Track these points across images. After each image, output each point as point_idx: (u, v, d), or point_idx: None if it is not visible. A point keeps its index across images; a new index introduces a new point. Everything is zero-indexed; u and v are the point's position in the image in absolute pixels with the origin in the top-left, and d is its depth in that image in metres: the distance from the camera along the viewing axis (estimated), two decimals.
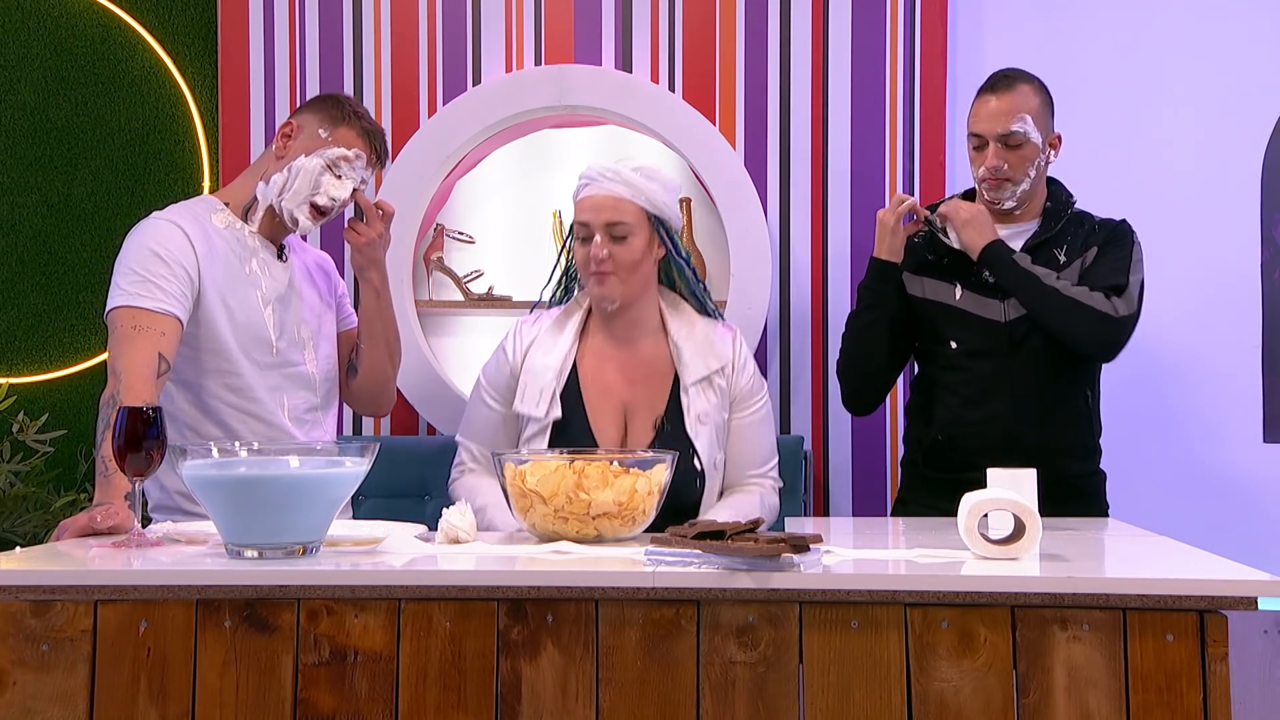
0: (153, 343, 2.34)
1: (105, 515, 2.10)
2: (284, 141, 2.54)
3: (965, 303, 2.73)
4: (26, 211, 3.56)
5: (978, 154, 2.71)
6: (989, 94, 2.70)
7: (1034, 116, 2.67)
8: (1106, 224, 2.77)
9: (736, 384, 2.53)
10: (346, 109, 2.55)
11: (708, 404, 2.49)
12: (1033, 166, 2.69)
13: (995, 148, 2.67)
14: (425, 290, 3.46)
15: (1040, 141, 2.69)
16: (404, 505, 3.11)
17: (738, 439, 2.53)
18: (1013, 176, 2.68)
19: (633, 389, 2.52)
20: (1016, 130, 2.65)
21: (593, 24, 3.41)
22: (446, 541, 2.01)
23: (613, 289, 2.48)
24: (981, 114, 2.69)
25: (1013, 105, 2.66)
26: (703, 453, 2.46)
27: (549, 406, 2.48)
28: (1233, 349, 3.33)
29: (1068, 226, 2.74)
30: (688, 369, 2.50)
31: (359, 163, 2.54)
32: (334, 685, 1.73)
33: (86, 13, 3.55)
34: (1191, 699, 1.65)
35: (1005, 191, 2.70)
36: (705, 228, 3.42)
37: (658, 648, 1.71)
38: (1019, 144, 2.66)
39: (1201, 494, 3.31)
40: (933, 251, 2.79)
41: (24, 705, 1.73)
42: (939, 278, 2.76)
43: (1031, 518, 1.81)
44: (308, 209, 2.52)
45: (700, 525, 1.77)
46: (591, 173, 2.51)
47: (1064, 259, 2.71)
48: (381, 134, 2.60)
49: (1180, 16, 3.37)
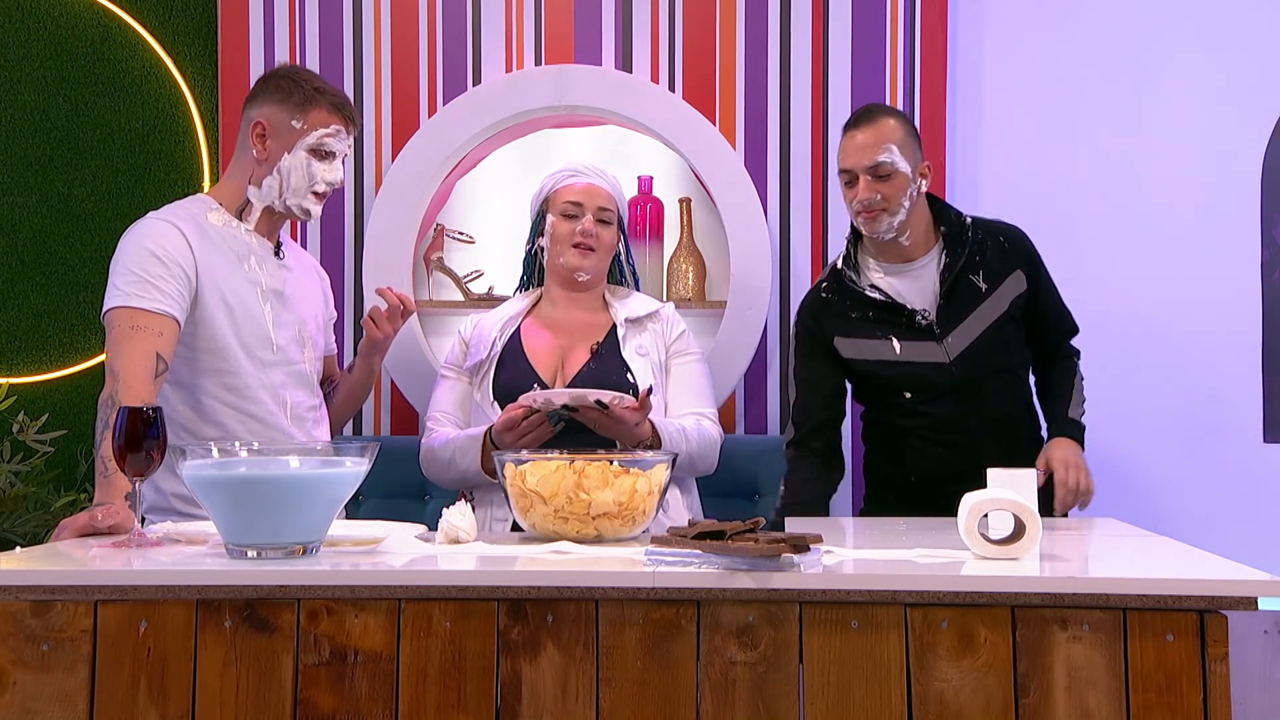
0: (150, 343, 2.34)
1: (105, 515, 2.10)
2: (260, 143, 2.54)
3: (907, 353, 2.74)
4: (27, 211, 3.56)
5: (849, 190, 2.73)
6: (854, 129, 2.73)
7: (899, 147, 2.70)
8: (1012, 237, 2.81)
9: (670, 333, 2.85)
10: (307, 89, 2.54)
11: (643, 340, 2.80)
12: (906, 196, 2.71)
13: (865, 180, 2.69)
14: (425, 290, 3.46)
15: (910, 171, 2.71)
16: (404, 505, 3.12)
17: (674, 381, 2.82)
18: (887, 207, 2.70)
19: (570, 334, 2.83)
20: (884, 160, 2.68)
21: (593, 24, 3.41)
22: (446, 541, 2.01)
23: (594, 263, 2.82)
24: (849, 149, 2.72)
25: (878, 137, 2.69)
26: (637, 374, 2.74)
27: (489, 350, 2.80)
28: (1233, 349, 3.33)
29: (973, 247, 2.77)
30: (620, 311, 2.84)
31: (340, 136, 2.57)
32: (334, 685, 1.73)
33: (87, 13, 3.55)
34: (1191, 699, 1.65)
35: (882, 224, 2.72)
36: (705, 227, 3.42)
37: (658, 648, 1.71)
38: (888, 174, 2.69)
39: (1202, 494, 3.31)
40: (854, 308, 2.78)
41: (24, 705, 1.73)
42: (869, 336, 2.77)
43: (1032, 518, 1.81)
44: (311, 198, 2.56)
45: (700, 526, 1.77)
46: (578, 166, 2.87)
47: (984, 285, 2.74)
48: (347, 99, 2.62)
49: (1180, 16, 3.37)
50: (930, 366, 2.73)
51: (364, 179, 3.44)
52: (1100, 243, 3.34)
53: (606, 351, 2.78)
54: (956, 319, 2.74)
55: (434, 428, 2.82)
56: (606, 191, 2.85)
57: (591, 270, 2.83)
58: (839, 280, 2.80)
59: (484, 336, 2.85)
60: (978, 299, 2.74)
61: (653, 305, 2.89)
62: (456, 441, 2.70)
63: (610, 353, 2.79)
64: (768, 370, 3.37)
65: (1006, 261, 2.77)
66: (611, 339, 2.82)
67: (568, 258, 2.81)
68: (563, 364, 2.79)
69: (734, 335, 3.27)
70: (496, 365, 2.80)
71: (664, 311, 2.89)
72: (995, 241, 2.78)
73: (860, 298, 2.77)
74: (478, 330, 2.87)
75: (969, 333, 2.73)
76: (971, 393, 2.71)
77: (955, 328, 2.73)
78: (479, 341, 2.84)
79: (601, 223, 2.82)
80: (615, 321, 2.84)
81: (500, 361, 2.80)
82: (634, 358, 2.78)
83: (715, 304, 3.34)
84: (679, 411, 2.80)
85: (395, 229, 3.35)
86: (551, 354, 2.80)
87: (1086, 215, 3.35)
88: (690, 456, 2.71)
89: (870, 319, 2.76)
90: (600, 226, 2.82)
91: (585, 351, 2.79)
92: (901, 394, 2.75)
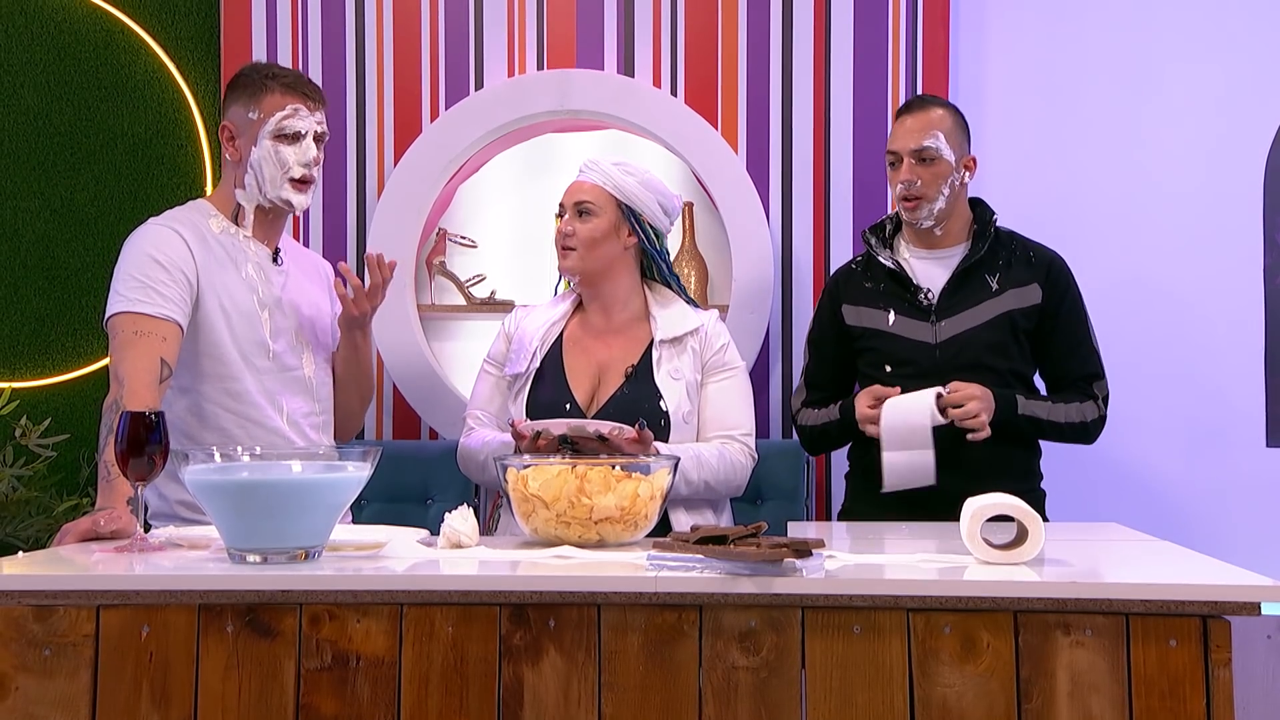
0: (154, 348, 2.34)
1: (108, 520, 2.10)
2: (230, 145, 2.55)
3: (898, 327, 2.79)
4: (29, 216, 3.56)
5: (894, 172, 2.79)
6: (905, 114, 2.80)
7: (946, 135, 2.75)
8: (1042, 255, 2.82)
9: (709, 349, 2.71)
10: (256, 78, 2.53)
11: (679, 363, 2.66)
12: (946, 184, 2.76)
13: (908, 163, 2.75)
14: (427, 294, 3.46)
15: (954, 160, 2.76)
16: (406, 509, 3.12)
17: (706, 402, 2.69)
18: (926, 194, 2.75)
19: (609, 351, 2.70)
20: (928, 145, 2.73)
21: (595, 28, 3.42)
22: (448, 546, 2.01)
23: (574, 262, 2.70)
24: (897, 132, 2.79)
25: (926, 123, 2.75)
26: (669, 400, 2.62)
27: (529, 361, 2.69)
28: (1236, 353, 3.33)
29: (995, 248, 2.80)
30: (660, 329, 2.69)
31: (300, 114, 2.52)
32: (336, 690, 1.73)
33: (90, 18, 3.56)
34: (1195, 704, 1.65)
35: (921, 212, 2.76)
36: (707, 231, 3.42)
37: (660, 652, 1.71)
38: (931, 159, 2.74)
39: (1205, 499, 3.31)
40: (870, 278, 2.85)
41: (26, 710, 1.73)
42: (873, 305, 2.83)
43: (1034, 523, 1.81)
44: (289, 187, 2.52)
45: (703, 530, 1.77)
46: (583, 164, 2.77)
47: (995, 285, 2.77)
48: (301, 76, 2.58)
49: (1182, 21, 3.37)
50: (916, 345, 2.76)
51: (366, 183, 3.45)
52: (1101, 245, 3.34)
53: (640, 374, 2.66)
54: (956, 307, 2.77)
55: (473, 426, 2.74)
56: (590, 184, 2.71)
57: (576, 268, 2.70)
58: (868, 252, 2.88)
59: (524, 344, 2.73)
60: (983, 294, 2.77)
61: (693, 320, 2.72)
62: (491, 446, 2.64)
63: (644, 376, 2.66)
64: (769, 374, 3.37)
65: (1027, 271, 2.79)
66: (647, 360, 2.68)
67: (558, 260, 2.75)
68: (598, 385, 2.68)
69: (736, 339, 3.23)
70: (534, 379, 2.69)
71: (705, 327, 2.73)
72: (1024, 253, 2.82)
73: (878, 268, 2.84)
74: (520, 334, 2.76)
75: (962, 323, 2.76)
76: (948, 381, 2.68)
77: (951, 315, 2.76)
78: (519, 348, 2.74)
79: (582, 213, 2.70)
80: (654, 338, 2.69)
81: (539, 376, 2.69)
82: (667, 382, 2.65)
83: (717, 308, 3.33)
84: (709, 434, 2.67)
85: (397, 233, 3.35)
86: (589, 375, 2.69)
87: (1088, 219, 3.35)
88: (706, 484, 2.60)
89: (880, 290, 2.83)
90: (579, 219, 2.69)
91: (619, 375, 2.67)
92: (883, 367, 2.79)
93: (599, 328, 2.74)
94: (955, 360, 2.73)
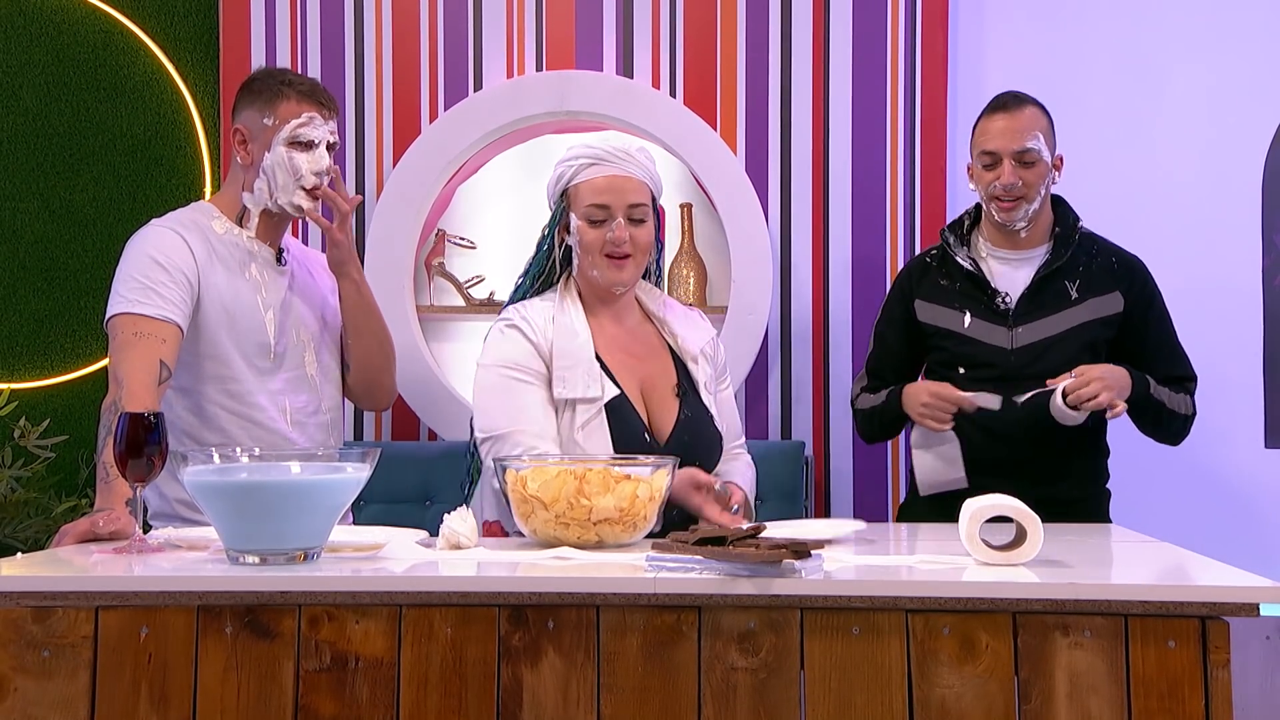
0: (154, 349, 2.34)
1: (106, 521, 2.10)
2: (243, 149, 2.54)
3: (973, 330, 2.75)
4: (28, 217, 3.56)
5: (988, 172, 2.72)
6: (999, 112, 2.73)
7: (1044, 135, 2.72)
8: (1125, 261, 2.79)
9: (717, 359, 2.56)
10: (274, 85, 2.54)
11: (706, 375, 2.49)
12: (1044, 185, 2.73)
13: (1010, 165, 2.69)
14: (426, 295, 3.46)
15: (1050, 160, 2.73)
16: (405, 510, 3.12)
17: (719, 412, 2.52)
18: (1026, 194, 2.71)
19: (645, 365, 2.45)
20: (1031, 147, 2.69)
21: (594, 30, 3.42)
22: (448, 547, 2.01)
23: (630, 274, 2.40)
24: (992, 131, 2.71)
25: (1026, 124, 2.70)
26: (718, 419, 2.48)
27: (602, 386, 2.36)
28: (1234, 354, 3.33)
29: (1077, 253, 2.77)
30: (686, 342, 2.49)
31: (315, 123, 2.53)
32: (335, 691, 1.73)
33: (89, 19, 3.56)
34: (1193, 705, 1.65)
35: (1019, 211, 2.72)
36: (706, 233, 3.42)
37: (659, 654, 1.71)
38: (1033, 161, 2.69)
39: (1203, 500, 3.31)
40: (945, 276, 2.81)
41: (25, 712, 1.73)
42: (949, 305, 2.79)
43: (1033, 524, 1.81)
44: (301, 194, 2.52)
45: (702, 531, 1.77)
46: (599, 151, 2.40)
47: (1075, 294, 2.74)
48: (317, 85, 2.58)
49: (1181, 24, 3.37)
50: (991, 349, 2.73)
51: (365, 184, 3.45)
52: None
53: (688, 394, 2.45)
54: (1034, 313, 2.73)
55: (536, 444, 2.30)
56: (637, 181, 2.38)
57: (630, 281, 2.41)
58: (944, 249, 2.82)
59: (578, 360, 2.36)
60: (1063, 303, 2.73)
61: (706, 330, 2.55)
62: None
63: (691, 396, 2.45)
64: (768, 376, 3.37)
65: (1109, 280, 2.76)
66: (684, 376, 2.47)
67: (601, 270, 2.39)
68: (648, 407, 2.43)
69: (735, 341, 3.26)
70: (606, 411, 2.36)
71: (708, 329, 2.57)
72: (1106, 259, 2.78)
73: (955, 267, 2.79)
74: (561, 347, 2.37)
75: (1040, 330, 2.72)
76: (1022, 387, 2.66)
77: (1029, 321, 2.73)
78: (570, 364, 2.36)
79: (635, 221, 2.37)
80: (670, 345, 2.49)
81: (609, 408, 2.35)
82: (711, 400, 2.48)
83: (716, 309, 3.34)
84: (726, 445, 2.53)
85: (396, 234, 3.35)
86: (636, 396, 2.41)
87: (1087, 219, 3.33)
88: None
89: (956, 290, 2.79)
90: (634, 226, 2.37)
91: (670, 395, 2.43)
92: (956, 369, 2.75)
93: (618, 338, 2.45)
94: (1030, 367, 2.69)
